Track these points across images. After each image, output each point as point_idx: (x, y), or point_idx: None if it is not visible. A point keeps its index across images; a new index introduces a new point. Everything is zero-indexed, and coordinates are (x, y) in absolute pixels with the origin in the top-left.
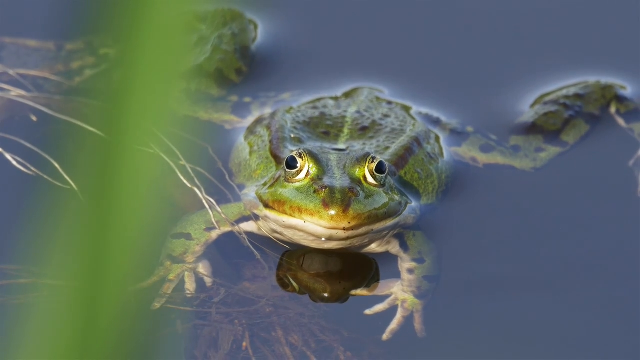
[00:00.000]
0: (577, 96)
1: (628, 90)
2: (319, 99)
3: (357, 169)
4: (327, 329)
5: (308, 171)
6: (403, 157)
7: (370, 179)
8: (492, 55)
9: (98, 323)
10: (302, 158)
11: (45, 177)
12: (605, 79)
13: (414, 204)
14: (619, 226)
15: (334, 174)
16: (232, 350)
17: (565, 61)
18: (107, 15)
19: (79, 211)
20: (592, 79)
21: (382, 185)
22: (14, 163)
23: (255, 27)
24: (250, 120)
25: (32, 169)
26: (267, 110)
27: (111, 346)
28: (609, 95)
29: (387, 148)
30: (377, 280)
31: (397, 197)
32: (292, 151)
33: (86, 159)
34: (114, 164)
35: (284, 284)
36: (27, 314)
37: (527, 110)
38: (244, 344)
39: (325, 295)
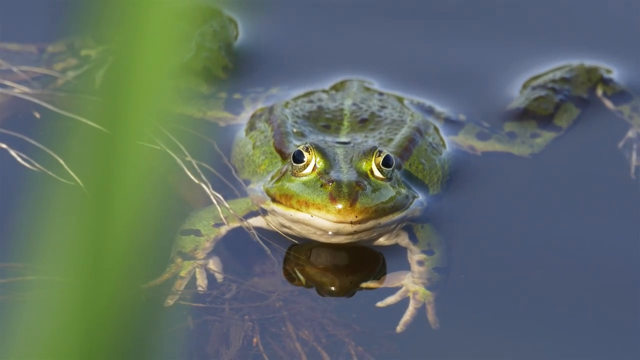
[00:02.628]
0: (564, 80)
1: (612, 73)
2: (310, 93)
3: (364, 163)
4: (338, 324)
5: (315, 165)
6: (407, 149)
7: (377, 173)
8: (471, 43)
9: (100, 319)
10: (308, 152)
11: (50, 173)
12: (589, 62)
13: (420, 196)
14: (618, 209)
15: (341, 168)
16: (243, 346)
17: (544, 45)
18: (103, 12)
19: (82, 206)
20: (574, 62)
21: (389, 179)
22: (19, 160)
23: (234, 23)
24: (244, 116)
25: (37, 165)
26: (260, 106)
27: (116, 342)
28: (595, 78)
29: (390, 140)
30: (387, 273)
31: (403, 191)
32: (299, 145)
33: (87, 154)
34: (114, 158)
35: (293, 279)
36: (32, 310)
37: (515, 96)
38: (255, 339)
39: (335, 289)
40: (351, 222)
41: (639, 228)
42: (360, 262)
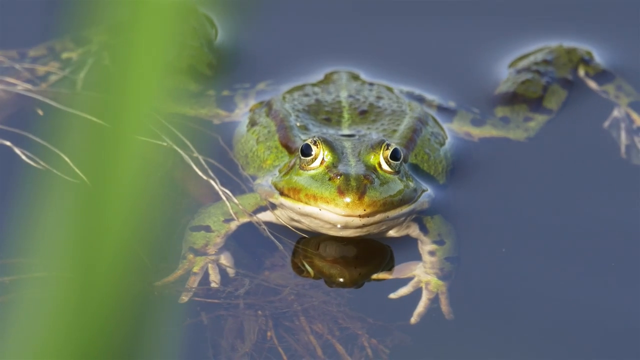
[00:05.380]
0: (546, 62)
1: (591, 55)
2: (301, 86)
3: (372, 156)
4: (351, 316)
5: (323, 159)
6: (412, 139)
7: (385, 166)
8: (444, 27)
9: (104, 315)
10: (316, 146)
11: (55, 171)
12: (567, 43)
13: (428, 189)
14: (617, 189)
15: (349, 161)
16: (259, 340)
17: (515, 28)
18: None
19: (84, 202)
20: (552, 43)
21: (397, 172)
22: (23, 157)
23: (210, 20)
24: (238, 113)
25: (41, 162)
26: (251, 102)
27: (119, 339)
28: (575, 59)
29: (394, 131)
30: (398, 264)
31: (411, 184)
32: (307, 139)
33: (89, 149)
34: (115, 153)
35: (304, 272)
36: (35, 308)
37: (498, 79)
38: (269, 333)
39: (346, 281)
40: (359, 216)
41: (637, 204)
42: (370, 254)
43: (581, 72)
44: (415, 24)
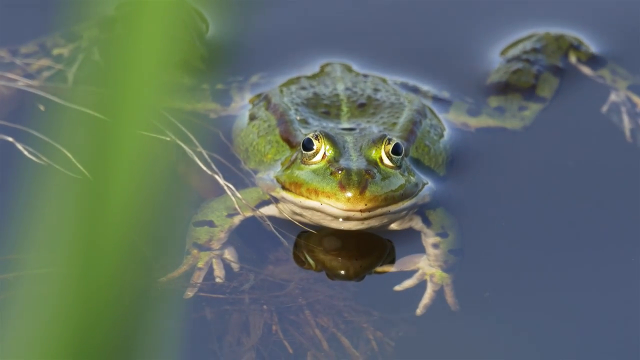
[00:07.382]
0: (535, 50)
1: (582, 40)
2: (296, 79)
3: (373, 151)
4: (356, 310)
5: (324, 153)
6: (412, 132)
7: (386, 161)
8: (432, 19)
9: (104, 311)
10: (318, 140)
11: (57, 166)
12: (554, 30)
13: (429, 182)
14: (625, 171)
15: (350, 155)
16: (264, 334)
17: (498, 17)
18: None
19: (85, 197)
20: (539, 31)
21: (398, 167)
22: (25, 153)
23: (199, 13)
24: (234, 107)
25: (43, 158)
26: (247, 95)
27: (120, 335)
28: (565, 45)
29: (394, 124)
30: (402, 257)
31: (413, 179)
32: (308, 133)
33: (90, 144)
34: (116, 148)
35: (308, 266)
36: (36, 304)
37: (488, 69)
38: (274, 327)
39: (350, 274)
40: (360, 210)
41: None
42: (374, 248)
43: (572, 58)
44: (399, 15)
